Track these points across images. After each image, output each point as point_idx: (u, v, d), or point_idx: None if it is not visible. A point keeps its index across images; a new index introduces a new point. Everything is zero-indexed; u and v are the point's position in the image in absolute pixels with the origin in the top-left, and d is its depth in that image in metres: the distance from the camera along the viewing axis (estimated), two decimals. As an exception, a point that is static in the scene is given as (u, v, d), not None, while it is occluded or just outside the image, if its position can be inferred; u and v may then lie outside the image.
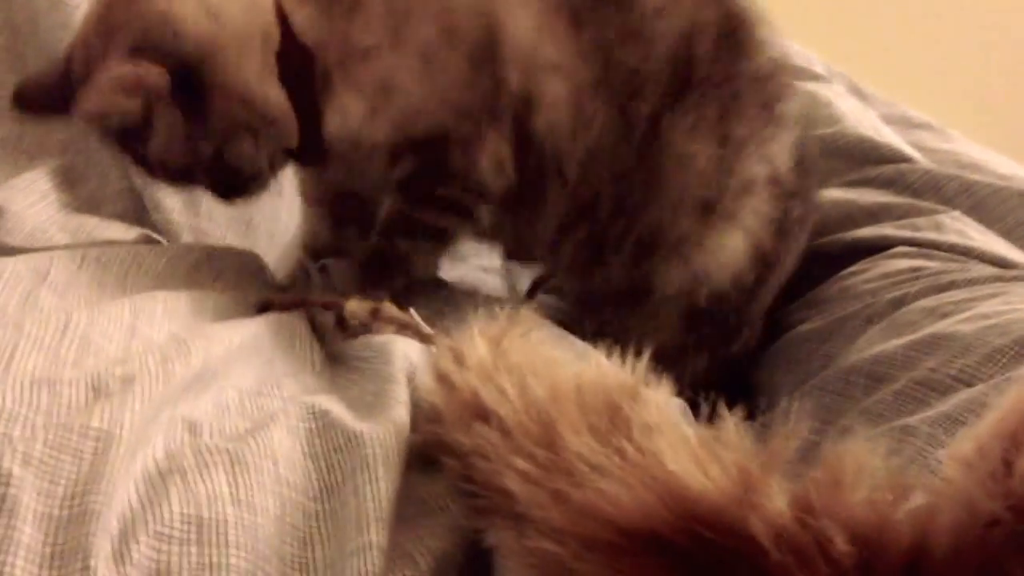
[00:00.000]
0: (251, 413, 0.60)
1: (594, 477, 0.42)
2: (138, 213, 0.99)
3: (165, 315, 0.67)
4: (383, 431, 0.56)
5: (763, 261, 0.95)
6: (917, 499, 0.42)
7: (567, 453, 0.44)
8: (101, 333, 0.60)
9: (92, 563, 0.43)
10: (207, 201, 1.03)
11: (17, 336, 0.56)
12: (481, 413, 0.51)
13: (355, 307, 0.80)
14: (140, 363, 0.56)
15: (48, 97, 0.84)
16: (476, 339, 0.58)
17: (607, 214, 0.93)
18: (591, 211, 0.93)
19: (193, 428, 0.55)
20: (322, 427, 0.58)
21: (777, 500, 0.40)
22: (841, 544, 0.38)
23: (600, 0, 0.89)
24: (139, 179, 1.01)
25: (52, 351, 0.56)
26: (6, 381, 0.51)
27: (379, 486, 0.52)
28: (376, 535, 0.49)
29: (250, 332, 0.69)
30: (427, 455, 0.57)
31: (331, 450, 0.56)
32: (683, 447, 0.42)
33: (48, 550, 0.43)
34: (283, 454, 0.54)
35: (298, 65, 0.84)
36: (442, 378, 0.57)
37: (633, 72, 0.89)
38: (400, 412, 0.59)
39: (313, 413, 0.59)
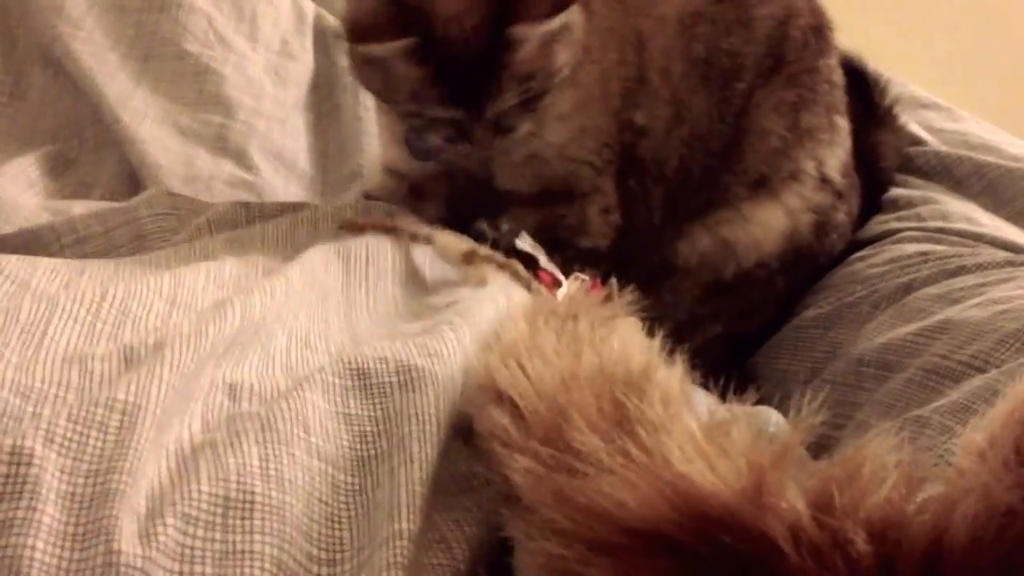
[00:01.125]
0: (294, 368, 0.59)
1: (597, 476, 0.41)
2: (132, 193, 0.98)
3: (208, 284, 0.65)
4: (426, 402, 0.54)
5: (796, 249, 0.97)
6: (933, 492, 0.42)
7: (573, 448, 0.43)
8: (140, 303, 0.59)
9: (115, 544, 0.42)
10: (204, 180, 1.03)
11: (51, 312, 0.55)
12: (495, 396, 0.51)
13: (448, 242, 0.78)
14: (174, 329, 0.55)
15: None
16: (518, 319, 0.57)
17: (680, 181, 0.96)
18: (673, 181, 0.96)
19: (232, 391, 0.55)
20: (361, 389, 0.56)
21: (793, 499, 0.39)
22: (861, 544, 0.37)
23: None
24: (139, 157, 1.01)
25: (88, 325, 0.55)
26: (38, 358, 0.51)
27: (414, 470, 0.50)
28: (408, 523, 0.48)
29: (306, 269, 0.68)
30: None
31: (367, 420, 0.55)
32: (690, 444, 0.41)
33: (71, 530, 0.43)
34: (317, 421, 0.53)
35: None
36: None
37: (735, 55, 0.94)
38: (451, 374, 0.57)
39: (354, 370, 0.57)
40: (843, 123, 1.01)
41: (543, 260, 0.80)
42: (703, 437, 0.41)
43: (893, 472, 0.40)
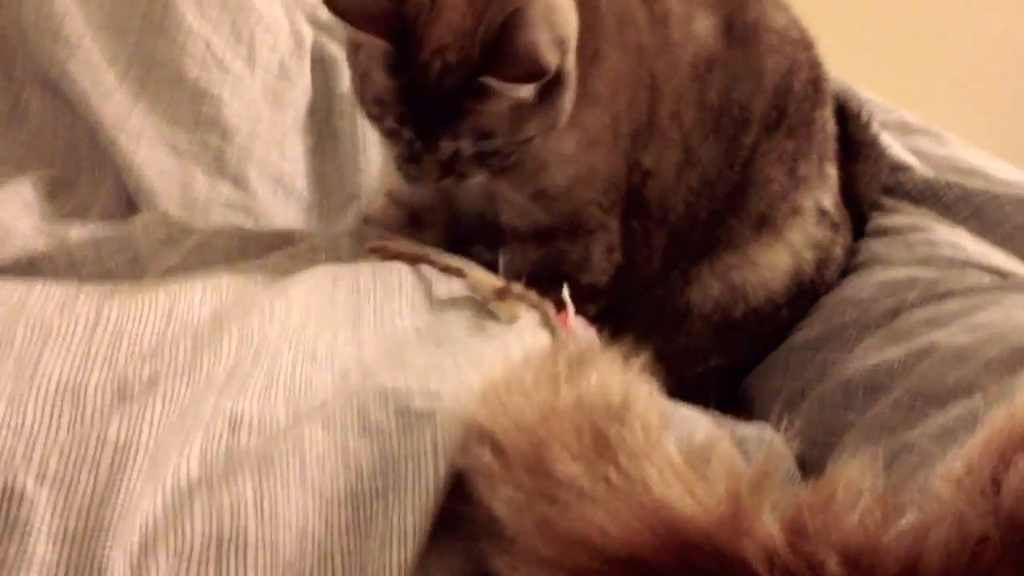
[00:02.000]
0: (298, 391, 0.59)
1: (579, 504, 0.42)
2: (130, 215, 0.99)
3: (207, 295, 0.65)
4: (423, 444, 0.55)
5: (799, 284, 0.99)
6: (909, 518, 0.43)
7: (554, 478, 0.44)
8: (135, 319, 0.59)
9: None
10: (200, 204, 1.03)
11: (45, 338, 0.55)
12: (477, 433, 0.51)
13: (481, 277, 0.77)
14: (169, 358, 0.55)
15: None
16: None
17: (685, 227, 0.97)
18: (677, 226, 0.97)
19: (233, 424, 0.55)
20: (361, 429, 0.57)
21: (768, 523, 0.40)
22: (834, 568, 0.38)
23: (733, 44, 0.95)
24: (136, 182, 1.01)
25: (82, 352, 0.55)
26: (30, 391, 0.51)
27: (409, 508, 0.51)
28: (400, 554, 0.49)
29: (311, 284, 0.68)
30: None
31: (365, 457, 0.55)
32: (669, 471, 0.42)
33: (63, 568, 0.44)
34: (315, 456, 0.54)
35: None
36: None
37: (744, 106, 0.95)
38: (451, 415, 0.57)
39: (355, 408, 0.58)
40: (832, 171, 1.04)
41: (571, 309, 0.80)
42: (683, 463, 0.42)
43: (867, 497, 0.41)
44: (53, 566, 0.44)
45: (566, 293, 0.81)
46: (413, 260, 0.80)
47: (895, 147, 1.27)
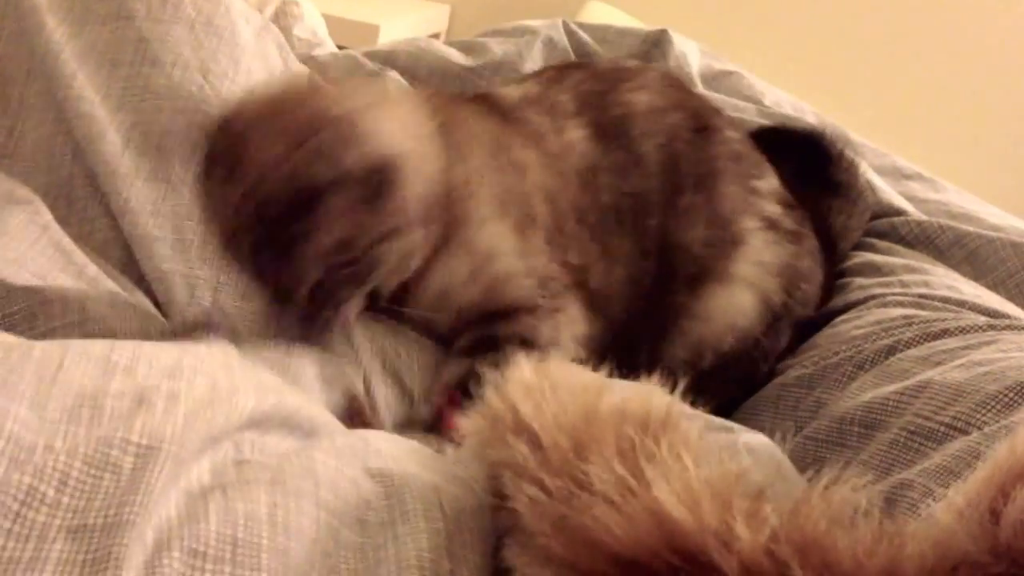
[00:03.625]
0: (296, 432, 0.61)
1: (598, 507, 0.43)
2: (124, 262, 0.98)
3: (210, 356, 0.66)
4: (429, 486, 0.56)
5: (773, 314, 0.99)
6: (887, 534, 0.43)
7: (585, 482, 0.45)
8: (152, 346, 0.60)
9: (123, 573, 0.43)
10: (196, 248, 1.03)
11: (65, 346, 0.55)
12: (514, 427, 0.52)
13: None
14: (188, 380, 0.56)
15: None
16: (520, 361, 0.59)
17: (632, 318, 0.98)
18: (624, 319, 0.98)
19: (238, 446, 0.56)
20: (365, 471, 0.58)
21: (753, 533, 0.41)
22: (797, 570, 0.39)
23: (608, 146, 0.97)
24: (130, 227, 1.01)
25: (102, 360, 0.55)
26: (51, 393, 0.51)
27: (421, 538, 0.52)
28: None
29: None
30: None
31: (371, 492, 0.56)
32: (682, 485, 0.43)
33: (80, 557, 0.44)
34: (327, 476, 0.55)
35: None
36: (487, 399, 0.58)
37: (638, 195, 0.97)
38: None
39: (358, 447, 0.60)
40: (763, 183, 1.03)
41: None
42: (701, 480, 0.43)
43: (846, 511, 0.42)
44: (70, 563, 0.44)
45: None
46: None
47: (888, 192, 1.29)
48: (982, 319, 0.89)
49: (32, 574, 0.43)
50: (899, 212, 1.25)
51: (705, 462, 0.48)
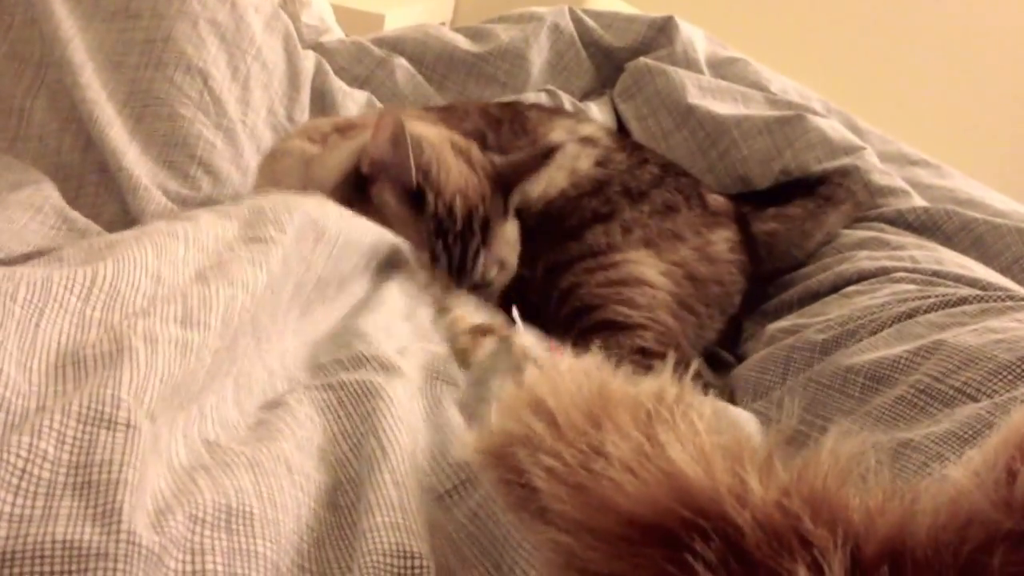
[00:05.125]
0: (257, 419, 0.62)
1: (614, 472, 0.44)
2: None
3: (188, 251, 0.66)
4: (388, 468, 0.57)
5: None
6: (899, 491, 0.44)
7: (603, 451, 0.46)
8: (128, 283, 0.60)
9: (135, 527, 0.44)
10: None
11: (45, 298, 0.56)
12: (532, 404, 0.53)
13: (458, 317, 0.83)
14: (161, 321, 0.57)
15: None
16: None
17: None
18: None
19: (207, 442, 0.57)
20: (329, 440, 0.61)
21: (761, 487, 0.42)
22: (808, 523, 0.40)
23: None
24: (137, 206, 1.02)
25: (78, 313, 0.56)
26: (33, 355, 0.52)
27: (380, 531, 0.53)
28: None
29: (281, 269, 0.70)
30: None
31: (335, 464, 0.60)
32: (695, 447, 0.43)
33: (90, 511, 0.45)
34: (295, 464, 0.57)
35: None
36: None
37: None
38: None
39: (321, 424, 0.62)
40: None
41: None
42: (711, 444, 0.44)
43: (858, 467, 0.43)
44: (80, 512, 0.45)
45: (516, 313, 0.89)
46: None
47: (894, 177, 1.29)
48: (999, 294, 0.88)
49: (45, 528, 0.43)
50: (905, 195, 1.26)
51: (716, 430, 0.48)
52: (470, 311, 0.88)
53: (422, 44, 1.50)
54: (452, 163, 1.02)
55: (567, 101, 1.47)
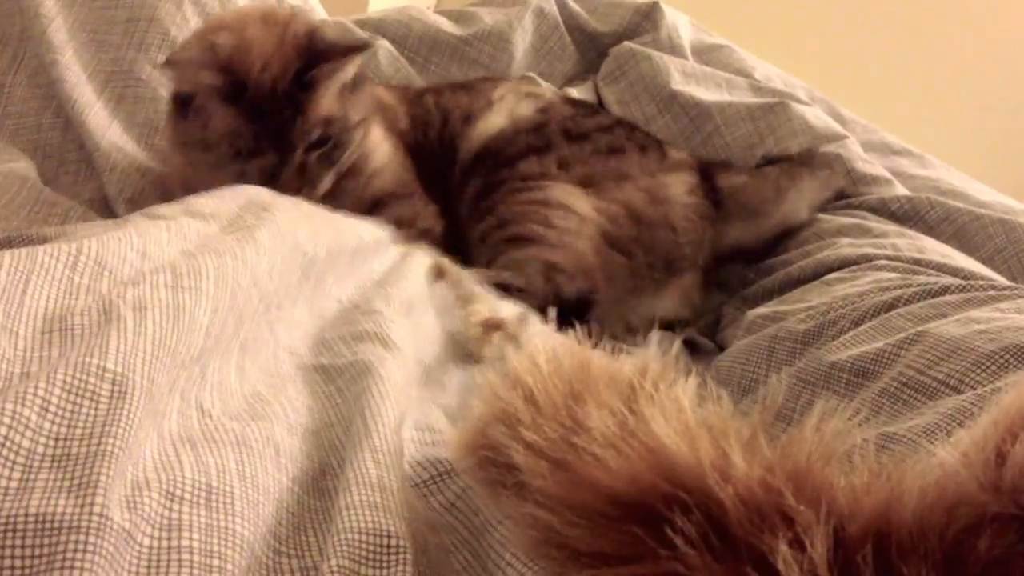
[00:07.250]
0: (255, 391, 0.62)
1: (596, 448, 0.43)
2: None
3: (172, 237, 0.66)
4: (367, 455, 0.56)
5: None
6: (885, 471, 0.43)
7: (584, 425, 0.45)
8: (114, 255, 0.59)
9: (105, 502, 0.43)
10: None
11: (31, 267, 0.55)
12: (511, 381, 0.53)
13: (475, 311, 0.84)
14: (151, 288, 0.55)
15: None
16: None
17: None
18: None
19: (201, 409, 0.56)
20: (325, 426, 0.60)
21: (744, 463, 0.41)
22: (790, 499, 0.39)
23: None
24: (115, 187, 1.01)
25: (66, 279, 0.55)
26: (19, 320, 0.51)
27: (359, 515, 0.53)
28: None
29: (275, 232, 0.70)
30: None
31: (327, 449, 0.59)
32: (679, 423, 0.42)
33: (66, 483, 0.44)
34: (284, 447, 0.57)
35: None
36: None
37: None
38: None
39: (317, 409, 0.62)
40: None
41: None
42: (696, 421, 0.43)
43: (842, 446, 0.43)
44: (56, 484, 0.44)
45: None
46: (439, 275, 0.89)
47: (877, 166, 1.29)
48: (982, 282, 0.88)
49: (20, 502, 0.42)
50: (887, 184, 1.26)
51: (700, 407, 0.48)
52: (490, 305, 0.87)
53: (405, 26, 1.49)
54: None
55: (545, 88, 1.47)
